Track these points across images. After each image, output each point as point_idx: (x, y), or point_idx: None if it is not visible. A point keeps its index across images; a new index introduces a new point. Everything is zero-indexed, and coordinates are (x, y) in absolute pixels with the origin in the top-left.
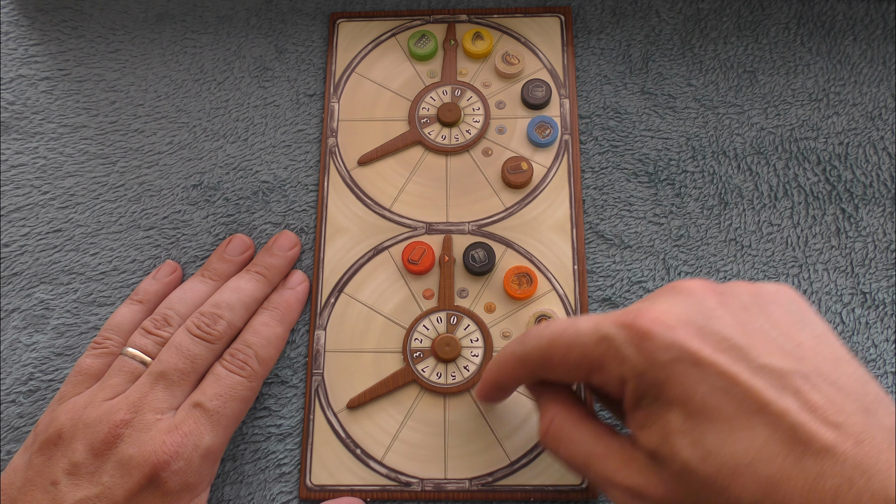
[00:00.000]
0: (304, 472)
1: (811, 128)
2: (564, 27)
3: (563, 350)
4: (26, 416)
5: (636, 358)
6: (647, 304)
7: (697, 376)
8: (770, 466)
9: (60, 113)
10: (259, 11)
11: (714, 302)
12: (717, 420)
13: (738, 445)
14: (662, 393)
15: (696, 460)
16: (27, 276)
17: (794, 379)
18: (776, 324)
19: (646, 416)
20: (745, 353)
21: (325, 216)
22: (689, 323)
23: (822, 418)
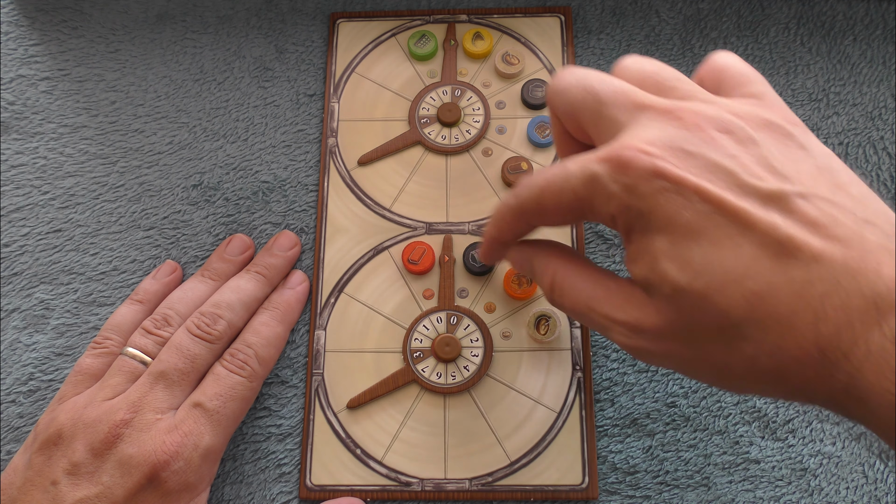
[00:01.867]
0: (304, 472)
1: (811, 128)
2: (564, 27)
3: (554, 195)
4: (26, 416)
5: (620, 192)
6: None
7: (681, 203)
8: (757, 280)
9: (60, 113)
10: (259, 11)
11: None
12: (703, 241)
13: (725, 263)
14: (648, 223)
15: (684, 281)
16: (27, 276)
17: (787, 199)
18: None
19: (636, 249)
20: (733, 177)
21: (325, 216)
22: (674, 149)
23: (813, 231)
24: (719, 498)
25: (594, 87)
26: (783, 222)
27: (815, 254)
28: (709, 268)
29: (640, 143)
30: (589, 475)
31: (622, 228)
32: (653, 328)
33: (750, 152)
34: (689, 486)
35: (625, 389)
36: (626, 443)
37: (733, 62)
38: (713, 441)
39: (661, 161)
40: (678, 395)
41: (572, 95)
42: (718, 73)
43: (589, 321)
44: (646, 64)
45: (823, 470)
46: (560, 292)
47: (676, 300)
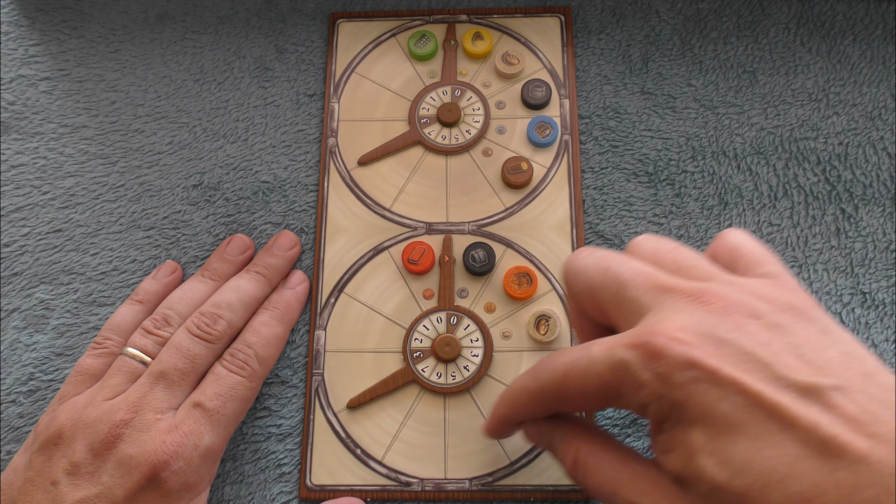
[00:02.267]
0: (304, 472)
1: (811, 128)
2: (564, 27)
3: (578, 381)
4: (26, 416)
5: (652, 381)
6: (662, 317)
7: (718, 395)
8: (803, 482)
9: (60, 113)
10: (259, 11)
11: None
12: (743, 437)
13: (768, 462)
14: (683, 414)
15: (724, 479)
16: (27, 276)
17: (823, 393)
18: (802, 338)
19: (669, 440)
20: (768, 368)
21: (325, 216)
22: (708, 338)
23: (855, 429)
24: None
25: (614, 269)
26: (825, 419)
27: (861, 455)
28: (750, 466)
29: (672, 330)
30: None
31: (653, 418)
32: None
33: (780, 340)
34: None
35: None
36: (626, 443)
37: (747, 241)
38: None
39: (695, 350)
40: None
41: (591, 277)
42: (732, 251)
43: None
44: (661, 243)
45: None
46: (584, 472)
47: (714, 498)
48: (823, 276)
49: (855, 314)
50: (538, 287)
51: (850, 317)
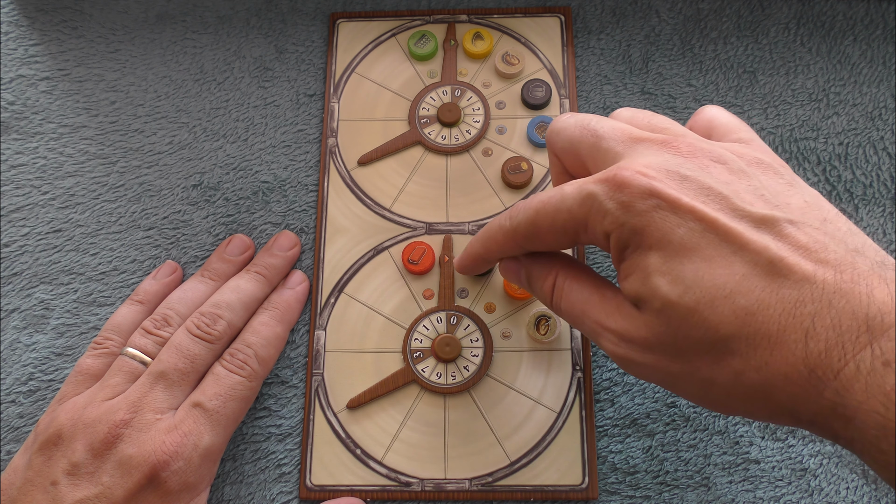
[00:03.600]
0: (304, 472)
1: (811, 128)
2: (564, 27)
3: (549, 217)
4: (26, 416)
5: (616, 209)
6: (634, 156)
7: (675, 221)
8: (748, 297)
9: (60, 113)
10: (259, 11)
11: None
12: (696, 259)
13: (717, 280)
14: (642, 240)
15: (674, 295)
16: (27, 276)
17: (777, 224)
18: (765, 184)
19: (629, 266)
20: (726, 201)
21: (325, 216)
22: (671, 173)
23: (803, 254)
24: (719, 498)
25: (591, 124)
26: (774, 244)
27: (806, 275)
28: (700, 283)
29: (637, 166)
30: (589, 475)
31: (615, 247)
32: (641, 340)
33: (742, 182)
34: (689, 486)
35: (625, 389)
36: (626, 443)
37: (722, 114)
38: (713, 441)
39: (657, 182)
40: (678, 396)
41: (571, 133)
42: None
43: (582, 325)
44: (638, 111)
45: (823, 470)
46: (560, 295)
47: (666, 314)
48: None
49: None
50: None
51: None
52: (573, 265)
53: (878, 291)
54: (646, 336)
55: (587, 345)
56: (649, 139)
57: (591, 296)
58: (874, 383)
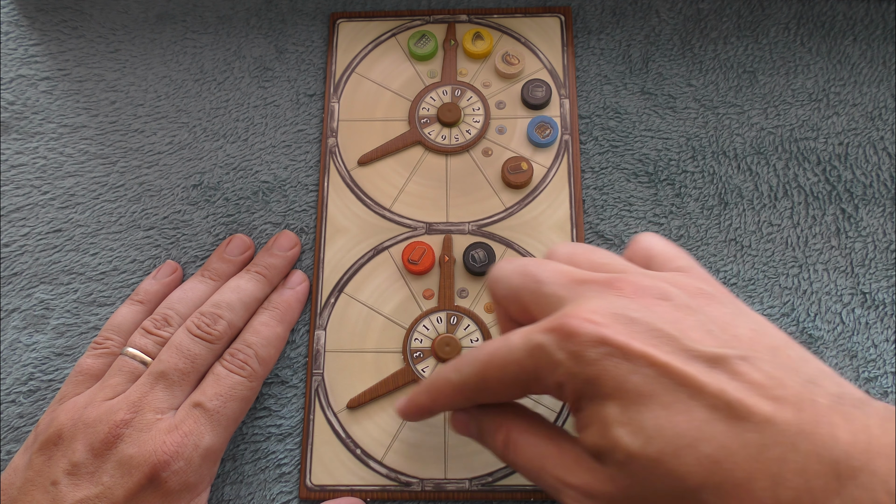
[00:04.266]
0: (304, 472)
1: (811, 128)
2: (564, 27)
3: (498, 369)
4: (26, 416)
5: (567, 360)
6: (576, 304)
7: (628, 368)
8: (711, 444)
9: (60, 113)
10: (259, 11)
11: (648, 299)
12: (655, 407)
13: (679, 428)
14: (597, 390)
15: (637, 447)
16: (27, 276)
17: (730, 362)
18: (712, 317)
19: (585, 416)
20: (676, 342)
21: (325, 216)
22: (618, 318)
23: (760, 393)
24: None
25: (531, 270)
26: (731, 386)
27: (767, 417)
28: (661, 432)
29: (584, 313)
30: None
31: (570, 397)
32: (605, 495)
33: (689, 318)
34: None
35: None
36: None
37: (658, 242)
38: None
39: (605, 328)
40: None
41: (511, 281)
42: (646, 251)
43: (540, 481)
44: (576, 247)
45: None
46: (514, 450)
47: (630, 466)
48: (823, 276)
49: (855, 314)
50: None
51: (850, 317)
52: (526, 416)
53: (841, 431)
54: (610, 491)
55: None
56: (592, 280)
57: (546, 449)
58: None
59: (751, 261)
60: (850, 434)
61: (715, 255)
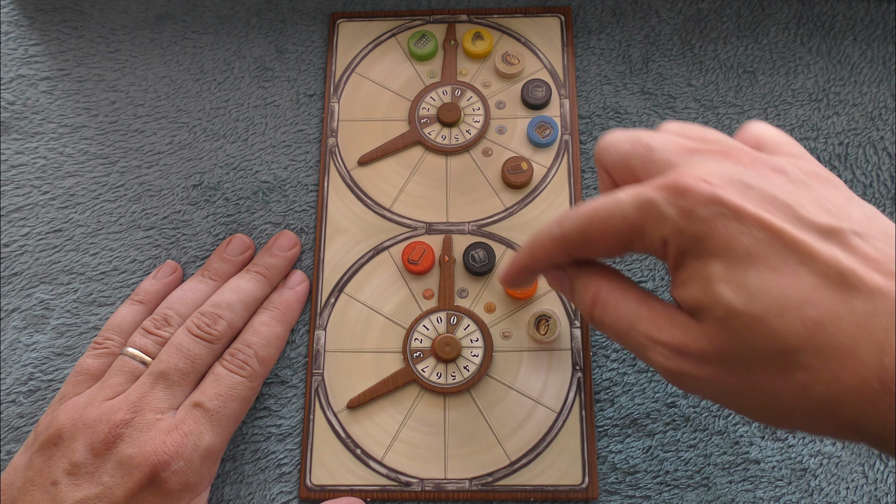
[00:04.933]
0: (304, 472)
1: (811, 128)
2: (564, 27)
3: (602, 223)
4: (26, 416)
5: (676, 216)
6: (691, 164)
7: (739, 229)
8: (818, 308)
9: (60, 113)
10: (259, 11)
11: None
12: (762, 267)
13: (786, 290)
14: (704, 247)
15: (739, 303)
16: (27, 276)
17: (844, 235)
18: (826, 195)
19: (687, 274)
20: (792, 210)
21: (325, 216)
22: (733, 181)
23: (873, 267)
24: (719, 498)
25: (643, 138)
26: (844, 256)
27: (879, 288)
28: (767, 292)
29: (700, 172)
30: (589, 475)
31: (673, 254)
32: (699, 352)
33: (804, 192)
34: (689, 486)
35: (625, 389)
36: (626, 443)
37: (769, 129)
38: (713, 441)
39: (719, 189)
40: (678, 395)
41: (622, 147)
42: (756, 137)
43: (629, 341)
44: (687, 125)
45: (823, 470)
46: (603, 309)
47: (730, 323)
48: None
49: None
50: (538, 287)
51: None
52: (618, 277)
53: None
54: (704, 348)
55: (587, 345)
56: (705, 149)
57: (638, 308)
58: None
59: None
60: None
61: None
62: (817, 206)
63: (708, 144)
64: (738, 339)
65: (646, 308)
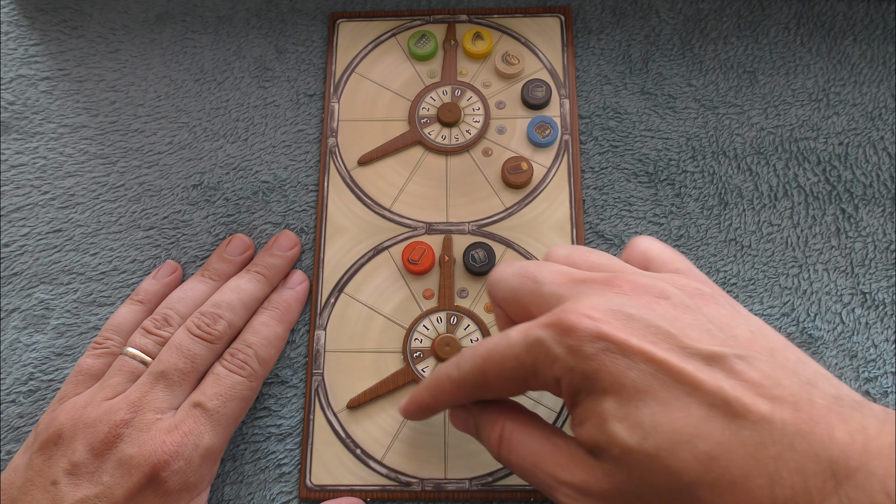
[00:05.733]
0: (304, 472)
1: (811, 128)
2: (564, 27)
3: (497, 364)
4: (26, 416)
5: (564, 355)
6: (575, 300)
7: (626, 364)
8: (709, 441)
9: (60, 113)
10: (259, 11)
11: (647, 297)
12: (652, 402)
13: (676, 424)
14: (594, 385)
15: (634, 442)
16: (27, 276)
17: (727, 360)
18: (710, 317)
19: (582, 412)
20: (674, 339)
21: (325, 216)
22: (616, 314)
23: (758, 392)
24: None
25: (530, 271)
26: (728, 384)
27: (764, 415)
28: (658, 428)
29: (583, 308)
30: None
31: (567, 393)
32: (601, 491)
33: (687, 317)
34: None
35: None
36: None
37: (655, 245)
38: None
39: (603, 324)
40: None
41: (510, 282)
42: (643, 254)
43: (534, 479)
44: (574, 248)
45: None
46: (508, 447)
47: (626, 461)
48: (823, 276)
49: (855, 314)
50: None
51: (850, 317)
52: (522, 413)
53: (839, 432)
54: (606, 487)
55: None
56: (590, 279)
57: (541, 446)
58: None
59: (751, 261)
60: (848, 435)
61: (715, 255)
62: (700, 330)
63: (594, 272)
64: (636, 477)
65: (550, 446)
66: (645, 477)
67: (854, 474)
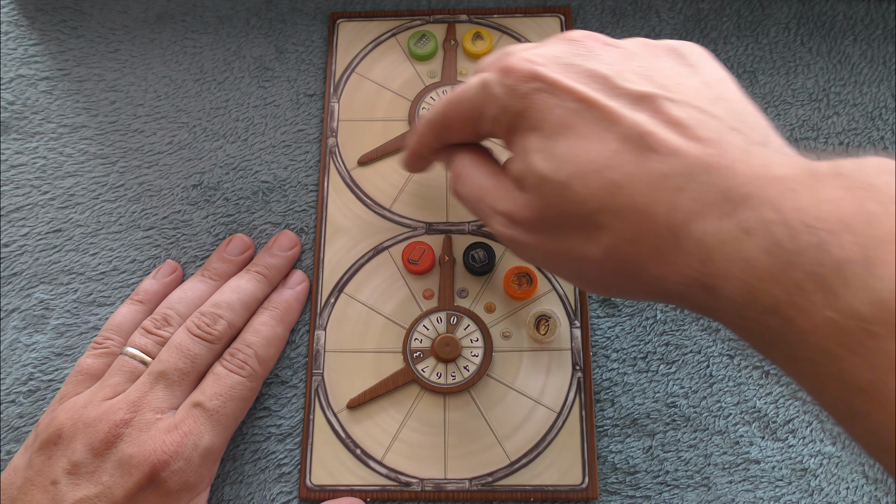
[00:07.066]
0: (304, 472)
1: (811, 128)
2: (564, 27)
3: (455, 106)
4: (26, 416)
5: (502, 94)
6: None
7: (554, 102)
8: (617, 171)
9: (60, 113)
10: (259, 11)
11: (596, 46)
12: (572, 137)
13: (590, 155)
14: (524, 122)
15: (548, 170)
16: (27, 276)
17: (655, 101)
18: (660, 67)
19: (514, 148)
20: (608, 81)
21: (325, 216)
22: (556, 59)
23: (676, 130)
24: (719, 498)
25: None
26: (648, 120)
27: (673, 149)
28: (573, 158)
29: (527, 54)
30: (589, 475)
31: (503, 131)
32: (523, 220)
33: (631, 62)
34: (689, 486)
35: (625, 389)
36: (626, 443)
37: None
38: (713, 441)
39: (539, 66)
40: (678, 395)
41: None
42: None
43: (478, 211)
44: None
45: (823, 470)
46: (461, 180)
47: (542, 190)
48: None
49: None
50: (538, 287)
51: None
52: (480, 154)
53: (741, 165)
54: (527, 216)
55: (587, 345)
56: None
57: (486, 181)
58: (735, 251)
59: None
60: (748, 167)
61: None
62: (639, 75)
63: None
64: (550, 205)
65: (493, 181)
66: (557, 204)
67: (747, 199)
